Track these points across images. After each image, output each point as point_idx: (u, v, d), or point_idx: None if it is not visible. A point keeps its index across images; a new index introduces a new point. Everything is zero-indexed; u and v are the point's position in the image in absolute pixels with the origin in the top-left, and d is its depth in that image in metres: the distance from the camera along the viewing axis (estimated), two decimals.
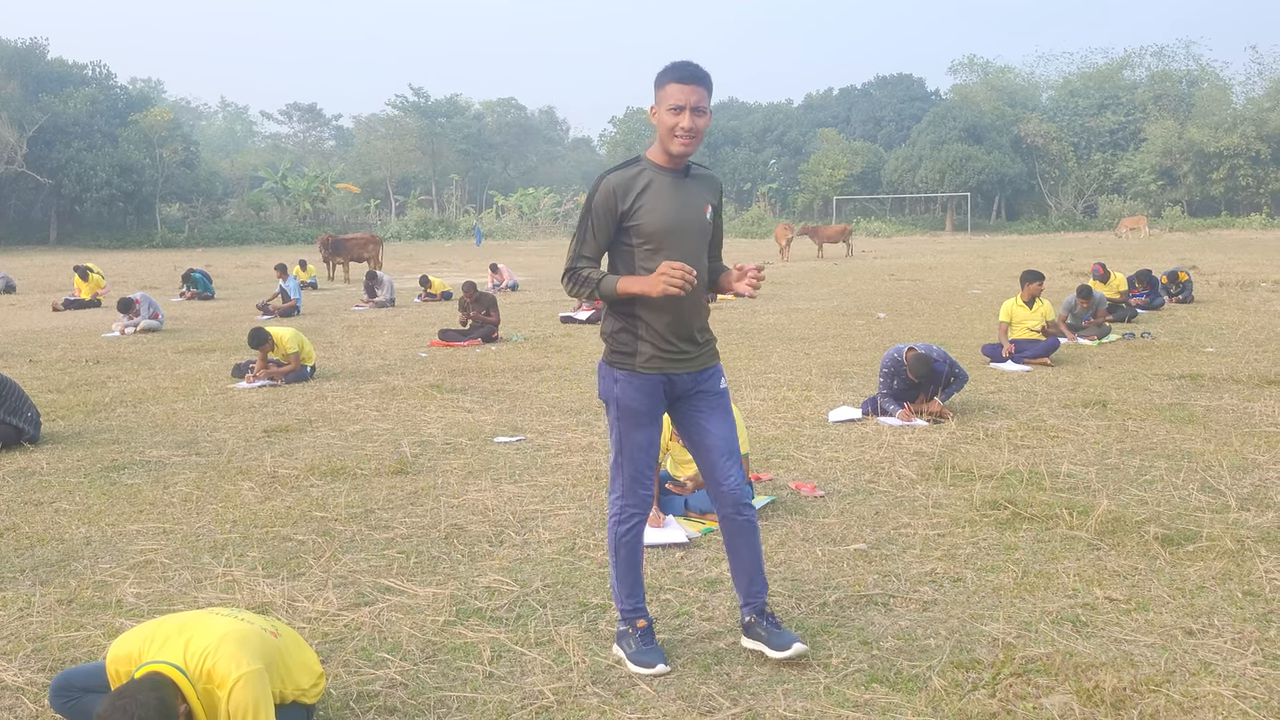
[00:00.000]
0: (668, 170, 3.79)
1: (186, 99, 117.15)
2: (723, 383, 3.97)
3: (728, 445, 3.91)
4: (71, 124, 62.34)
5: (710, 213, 3.87)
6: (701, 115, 3.68)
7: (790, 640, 3.90)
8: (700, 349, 3.91)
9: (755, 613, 4.03)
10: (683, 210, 3.79)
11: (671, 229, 3.75)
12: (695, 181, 3.86)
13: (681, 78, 3.66)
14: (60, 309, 20.45)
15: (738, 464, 3.94)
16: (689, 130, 3.66)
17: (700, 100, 3.66)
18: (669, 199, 3.76)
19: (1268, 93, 74.22)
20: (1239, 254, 34.79)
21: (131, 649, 3.25)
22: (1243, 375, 10.09)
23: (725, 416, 3.93)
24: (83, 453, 7.70)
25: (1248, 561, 4.89)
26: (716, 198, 3.92)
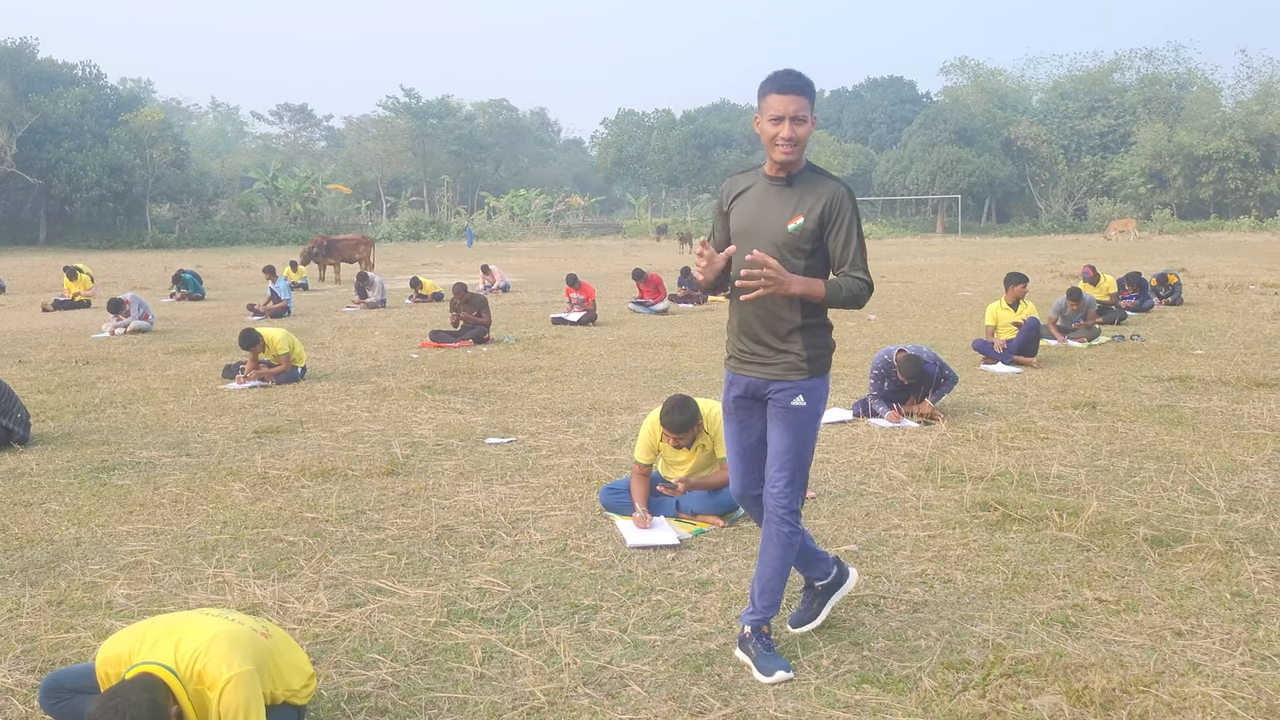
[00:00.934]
0: (770, 178, 3.88)
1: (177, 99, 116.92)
2: (795, 400, 3.86)
3: (777, 455, 3.90)
4: (61, 124, 62.13)
5: (798, 224, 3.77)
6: (802, 124, 3.73)
7: (775, 667, 3.87)
8: (775, 357, 3.87)
9: (752, 627, 4.01)
10: (759, 219, 3.85)
11: (743, 233, 3.87)
12: (796, 191, 3.83)
13: (781, 88, 3.73)
14: (50, 309, 20.38)
15: (784, 475, 3.90)
16: (789, 139, 3.72)
17: (800, 109, 3.71)
18: (754, 205, 3.88)
19: (1257, 96, 74.57)
20: (1228, 256, 34.94)
21: (122, 650, 3.24)
22: (1231, 377, 10.13)
23: (786, 431, 3.88)
24: (72, 453, 7.67)
25: (1236, 563, 4.92)
26: (821, 206, 3.77)
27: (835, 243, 3.79)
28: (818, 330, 3.89)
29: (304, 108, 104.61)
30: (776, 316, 3.83)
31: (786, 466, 3.89)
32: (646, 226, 74.13)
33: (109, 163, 61.66)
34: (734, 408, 4.06)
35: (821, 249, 3.82)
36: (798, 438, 3.89)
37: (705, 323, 16.52)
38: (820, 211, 3.77)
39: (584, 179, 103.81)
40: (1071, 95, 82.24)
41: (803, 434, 3.90)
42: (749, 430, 4.05)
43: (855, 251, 3.78)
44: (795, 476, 3.91)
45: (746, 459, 4.09)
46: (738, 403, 4.04)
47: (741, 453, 4.09)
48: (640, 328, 15.95)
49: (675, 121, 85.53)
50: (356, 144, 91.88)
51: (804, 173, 3.85)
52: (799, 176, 3.84)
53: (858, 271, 3.77)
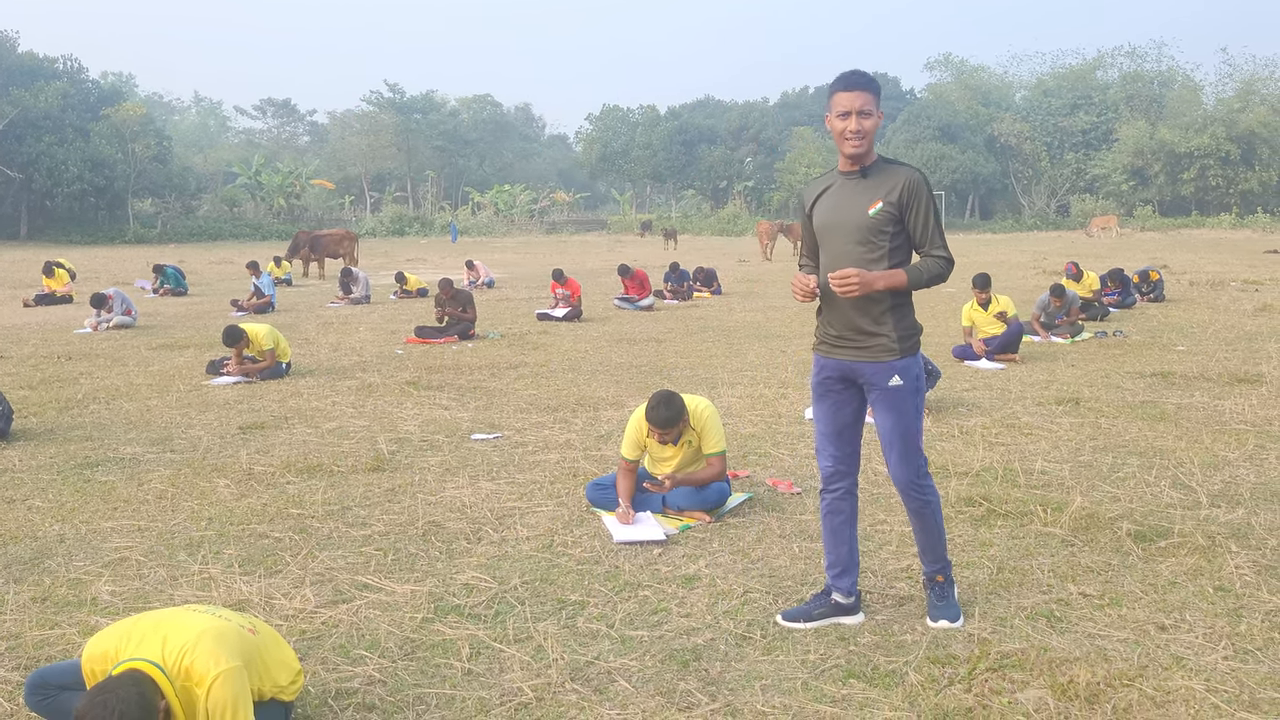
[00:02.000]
0: (844, 174, 4.12)
1: (159, 93, 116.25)
2: (892, 380, 4.08)
3: (885, 438, 4.17)
4: (42, 118, 61.61)
5: (878, 208, 4.00)
6: (868, 117, 3.95)
7: (939, 616, 4.24)
8: (867, 340, 4.08)
9: (925, 578, 4.39)
10: (839, 210, 4.08)
11: (826, 227, 4.14)
12: (871, 180, 4.06)
13: (846, 85, 3.97)
14: (31, 305, 20.24)
15: (896, 455, 4.16)
16: (857, 132, 3.95)
17: (865, 104, 3.94)
18: (834, 200, 4.12)
19: (1238, 94, 74.94)
20: (1209, 253, 35.14)
21: (108, 647, 3.23)
22: (1213, 373, 10.20)
23: (889, 412, 4.12)
24: (55, 449, 7.63)
25: (1218, 557, 4.95)
26: (896, 192, 4.00)
27: (915, 224, 4.04)
28: (905, 312, 4.12)
29: (287, 102, 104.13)
30: (868, 301, 4.04)
31: (895, 445, 4.15)
32: (631, 223, 74.07)
33: (90, 157, 61.20)
34: (825, 389, 4.26)
35: (903, 231, 4.06)
36: (901, 415, 4.12)
37: (690, 319, 16.54)
38: (899, 196, 4.01)
39: (568, 175, 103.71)
40: (1055, 92, 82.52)
41: (904, 410, 4.11)
42: (842, 411, 4.26)
43: (934, 231, 4.05)
44: (906, 451, 4.15)
45: (838, 438, 4.29)
46: (829, 384, 4.24)
47: (834, 432, 4.29)
48: (626, 324, 15.95)
49: (660, 118, 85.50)
50: (340, 139, 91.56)
51: (877, 163, 4.10)
52: (873, 167, 4.08)
53: (938, 250, 4.05)
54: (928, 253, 4.05)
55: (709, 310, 17.94)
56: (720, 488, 5.79)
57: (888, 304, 4.05)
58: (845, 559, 4.36)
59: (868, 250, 4.02)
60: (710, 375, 10.75)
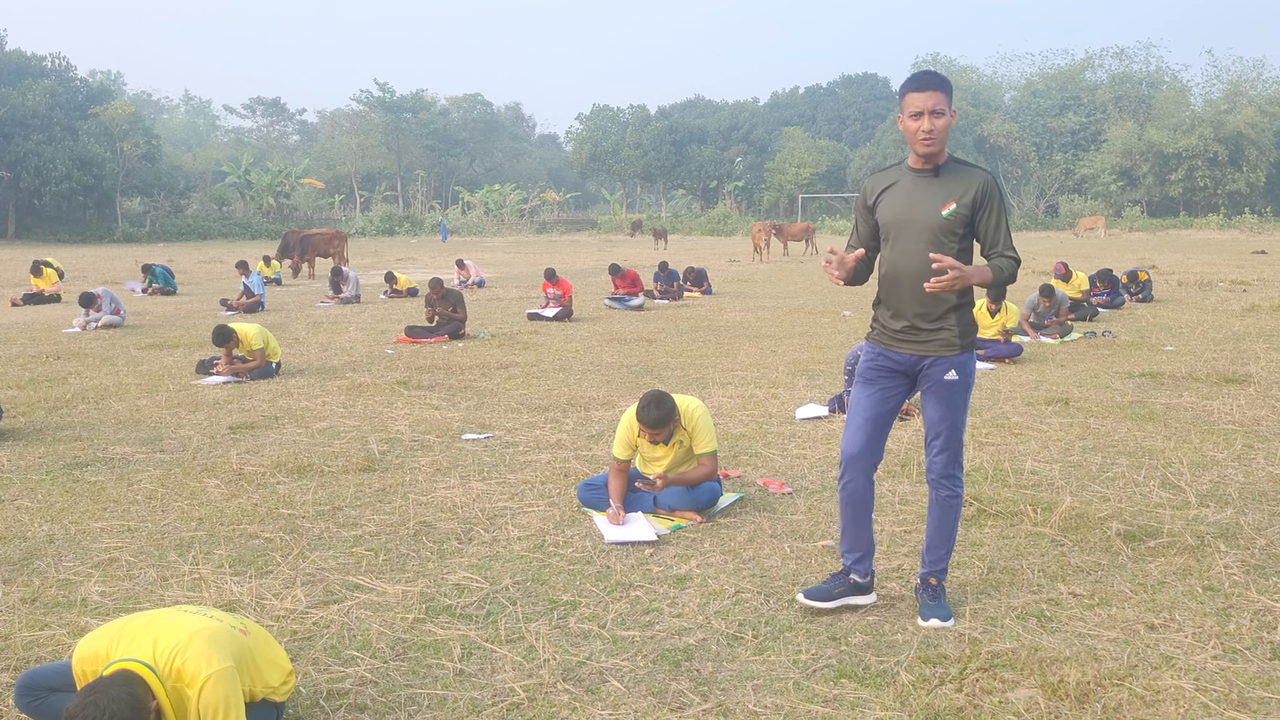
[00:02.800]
0: (915, 170, 4.17)
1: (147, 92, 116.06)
2: (949, 374, 4.16)
3: (933, 428, 4.25)
4: (30, 116, 61.40)
5: (951, 209, 4.06)
6: (940, 116, 4.01)
7: (930, 615, 4.27)
8: (930, 336, 4.16)
9: (921, 579, 4.42)
10: (912, 206, 4.13)
11: (895, 223, 4.16)
12: (944, 180, 4.13)
13: (918, 86, 4.03)
14: (19, 304, 20.16)
15: (942, 447, 4.23)
16: (930, 131, 4.01)
17: (937, 104, 4.00)
18: (905, 196, 4.16)
19: (1225, 95, 75.26)
20: (1197, 254, 35.30)
21: (99, 648, 3.22)
22: (1201, 373, 10.24)
23: (940, 404, 4.20)
24: (44, 450, 7.60)
25: (1207, 557, 4.98)
26: (970, 194, 4.07)
27: (987, 226, 4.12)
28: (967, 310, 4.21)
29: (277, 101, 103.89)
30: (935, 297, 4.10)
31: (941, 435, 4.23)
32: (621, 222, 74.11)
33: (79, 156, 61.00)
34: (875, 375, 4.30)
35: (971, 232, 4.14)
36: (951, 409, 4.20)
37: (681, 318, 16.54)
38: (973, 198, 4.08)
39: (559, 174, 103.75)
40: (1043, 93, 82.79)
41: (955, 405, 4.21)
42: (886, 400, 4.32)
43: (1005, 233, 4.14)
44: (950, 445, 4.24)
45: (873, 425, 4.32)
46: (880, 372, 4.29)
47: (871, 418, 4.32)
48: (616, 323, 15.95)
49: (650, 117, 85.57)
50: (330, 138, 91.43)
51: (949, 163, 4.17)
52: (945, 167, 4.15)
53: (1009, 251, 4.13)
54: (1000, 253, 4.12)
55: (700, 310, 17.95)
56: (712, 488, 5.80)
57: (954, 301, 4.13)
58: (865, 544, 4.46)
59: (940, 248, 4.07)
60: (701, 375, 10.75)
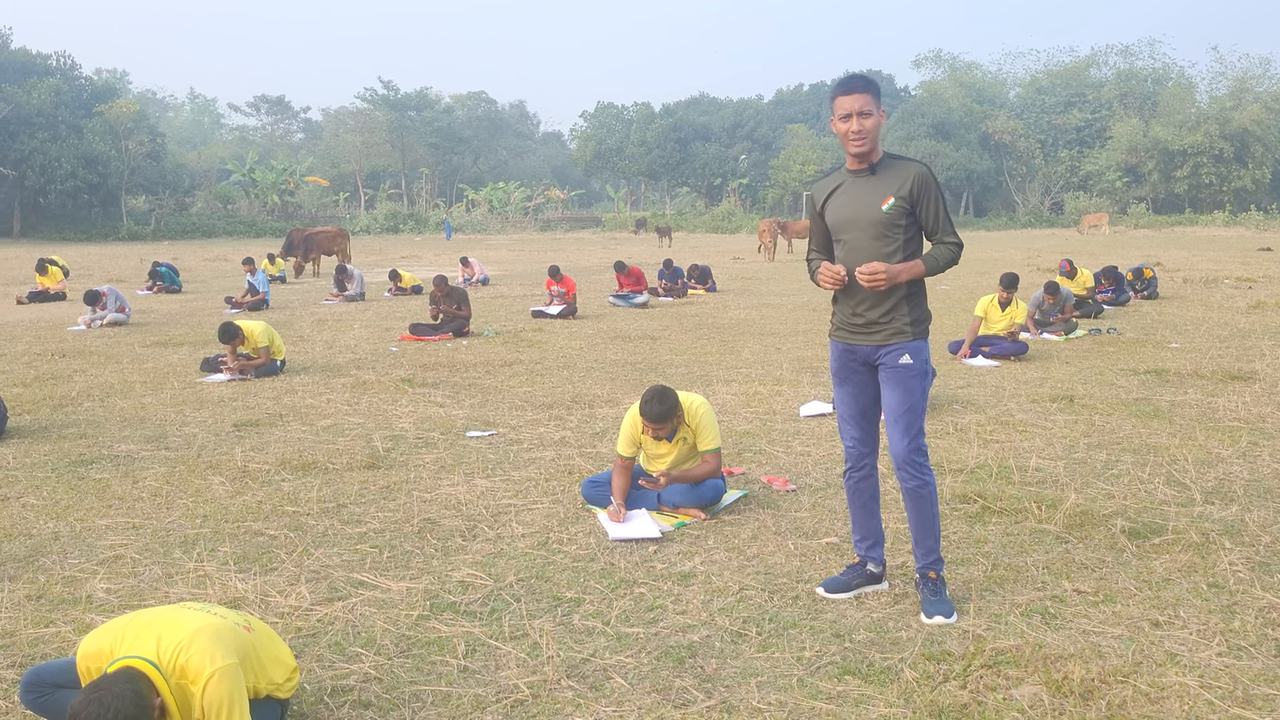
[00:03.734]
0: (853, 172, 4.33)
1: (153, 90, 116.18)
2: (902, 359, 4.30)
3: (891, 413, 4.35)
4: (35, 115, 61.52)
5: (890, 204, 4.21)
6: (868, 117, 4.16)
7: (933, 611, 4.30)
8: (880, 327, 4.31)
9: (919, 574, 4.47)
10: (855, 206, 4.28)
11: (842, 224, 4.32)
12: (881, 177, 4.28)
13: (845, 89, 4.18)
14: (24, 302, 20.20)
15: (902, 432, 4.32)
16: (859, 132, 4.17)
17: (864, 105, 4.15)
18: (847, 197, 4.32)
19: (1230, 92, 75.09)
20: (1202, 251, 35.23)
21: (103, 645, 3.22)
22: (1206, 370, 10.22)
23: (897, 388, 4.32)
24: (50, 447, 7.62)
25: (1212, 554, 4.97)
26: (906, 186, 4.22)
27: (927, 215, 4.28)
28: (918, 299, 4.36)
29: (281, 99, 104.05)
30: (882, 293, 4.27)
31: (901, 420, 4.32)
32: (625, 220, 74.14)
33: (84, 154, 61.10)
34: (847, 372, 4.47)
35: (915, 222, 4.30)
36: (909, 392, 4.31)
37: (685, 316, 16.54)
38: (910, 190, 4.23)
39: (563, 172, 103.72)
40: (1048, 90, 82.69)
41: (912, 389, 4.31)
42: (863, 393, 4.47)
43: (945, 220, 4.31)
44: (910, 427, 4.32)
45: (860, 420, 4.51)
46: (850, 369, 4.45)
47: (856, 414, 4.51)
48: (620, 321, 15.95)
49: (654, 115, 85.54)
50: (334, 136, 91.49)
51: (884, 160, 4.31)
52: (881, 164, 4.29)
53: (949, 237, 4.33)
54: (940, 239, 4.33)
55: (704, 307, 17.94)
56: (715, 485, 5.80)
57: (902, 292, 4.28)
58: (875, 532, 4.62)
59: (884, 244, 4.23)
60: (705, 372, 10.75)
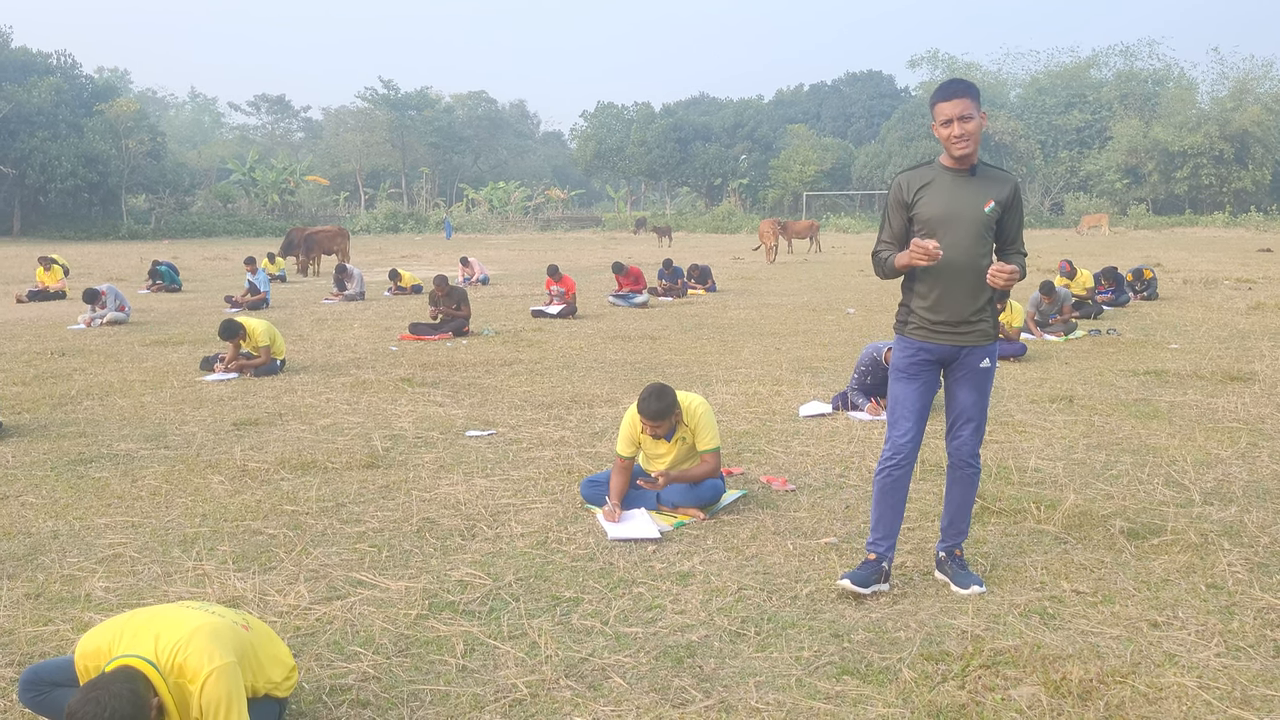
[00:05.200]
0: (952, 170, 4.41)
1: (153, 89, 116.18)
2: (984, 362, 4.47)
3: (967, 412, 4.54)
4: (36, 113, 61.48)
5: (991, 206, 4.35)
6: (969, 120, 4.26)
7: (970, 581, 4.56)
8: (970, 327, 4.43)
9: (946, 551, 4.71)
10: (955, 203, 4.36)
11: (942, 219, 4.36)
12: (980, 180, 4.40)
13: (945, 96, 4.29)
14: (24, 301, 20.20)
15: (974, 430, 4.55)
16: (961, 136, 4.27)
17: (964, 109, 4.25)
18: (946, 193, 4.39)
19: (1231, 93, 75.07)
20: (1202, 252, 35.23)
21: (101, 644, 3.23)
22: (1206, 371, 10.22)
23: (974, 390, 4.51)
24: (49, 446, 7.62)
25: (1211, 555, 4.97)
26: (1003, 194, 4.40)
27: (1011, 225, 4.47)
28: (995, 304, 4.52)
29: (281, 99, 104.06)
30: (977, 293, 4.39)
31: (974, 419, 4.54)
32: (625, 220, 74.13)
33: (84, 153, 61.07)
34: (917, 370, 4.53)
35: (999, 229, 4.45)
36: (984, 394, 4.53)
37: (685, 315, 16.54)
38: (1005, 198, 4.41)
39: (563, 172, 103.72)
40: (1049, 91, 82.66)
41: (986, 389, 4.54)
42: (929, 390, 4.57)
43: (1020, 233, 4.54)
44: (980, 425, 4.57)
45: (920, 416, 4.56)
46: (923, 366, 4.52)
47: (920, 409, 4.56)
48: (620, 320, 15.95)
49: (654, 115, 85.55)
50: (334, 135, 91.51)
51: (981, 165, 4.44)
52: (979, 168, 4.42)
53: (1022, 247, 4.55)
54: (1016, 250, 4.51)
55: (703, 307, 17.94)
56: (714, 484, 5.80)
57: (989, 295, 4.42)
58: (896, 531, 4.69)
59: (982, 244, 4.37)
60: (705, 372, 10.75)
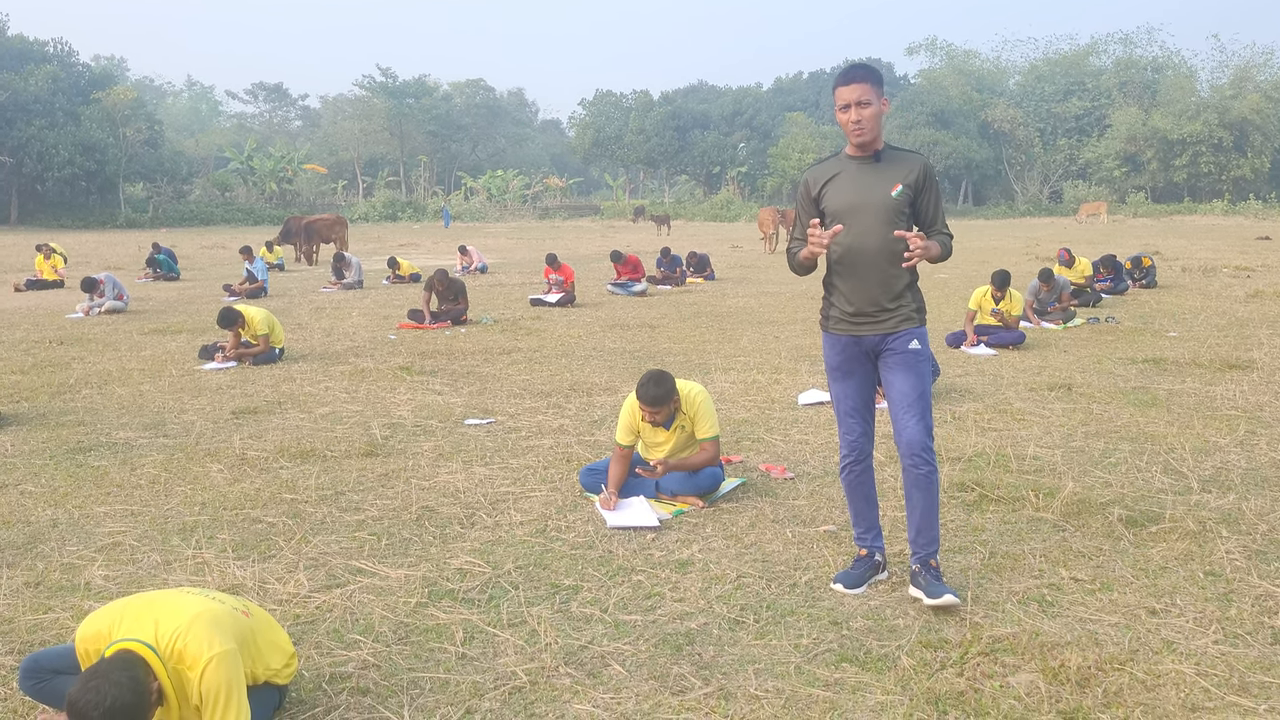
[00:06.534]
0: (856, 159, 4.31)
1: (150, 77, 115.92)
2: (912, 344, 4.29)
3: (905, 399, 4.29)
4: (32, 102, 61.31)
5: (899, 190, 4.23)
6: (867, 106, 4.15)
7: (942, 591, 4.24)
8: (890, 314, 4.29)
9: (919, 563, 4.39)
10: (861, 191, 4.26)
11: (849, 208, 4.26)
12: (886, 165, 4.30)
13: (844, 80, 4.19)
14: (22, 289, 20.18)
15: (915, 416, 4.27)
16: (858, 122, 4.16)
17: (862, 95, 4.14)
18: (852, 183, 4.29)
19: (1231, 81, 74.96)
20: (1201, 240, 35.22)
21: (101, 627, 3.23)
22: (1204, 359, 10.23)
23: (907, 373, 4.29)
24: (48, 434, 7.61)
25: (1209, 542, 4.98)
26: (912, 176, 4.26)
27: (927, 206, 4.33)
28: (917, 287, 4.39)
29: (279, 87, 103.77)
30: (892, 277, 4.27)
31: (914, 407, 4.29)
32: (624, 208, 74.03)
33: (81, 141, 60.94)
34: (851, 367, 4.41)
35: (912, 213, 4.33)
36: (920, 377, 4.30)
37: (684, 304, 16.53)
38: (915, 180, 4.27)
39: (561, 160, 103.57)
40: (1048, 78, 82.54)
41: (923, 373, 4.31)
42: (865, 386, 4.45)
43: (941, 213, 4.39)
44: (923, 412, 4.29)
45: (863, 413, 4.48)
46: (852, 362, 4.40)
47: (860, 407, 4.47)
48: (619, 309, 15.94)
49: (653, 103, 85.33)
50: (332, 124, 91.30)
51: (887, 149, 4.33)
52: (884, 153, 4.31)
53: (945, 229, 4.39)
54: (938, 231, 4.34)
55: (702, 296, 17.93)
56: (713, 473, 5.81)
57: (908, 280, 4.30)
58: (877, 522, 4.64)
59: (891, 229, 4.20)
60: (703, 361, 10.75)
